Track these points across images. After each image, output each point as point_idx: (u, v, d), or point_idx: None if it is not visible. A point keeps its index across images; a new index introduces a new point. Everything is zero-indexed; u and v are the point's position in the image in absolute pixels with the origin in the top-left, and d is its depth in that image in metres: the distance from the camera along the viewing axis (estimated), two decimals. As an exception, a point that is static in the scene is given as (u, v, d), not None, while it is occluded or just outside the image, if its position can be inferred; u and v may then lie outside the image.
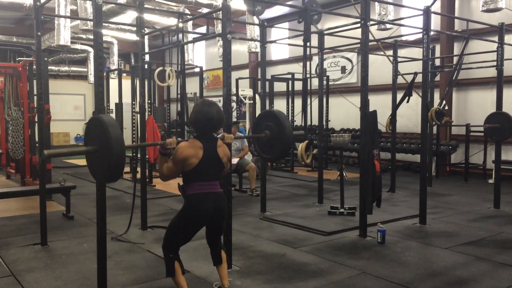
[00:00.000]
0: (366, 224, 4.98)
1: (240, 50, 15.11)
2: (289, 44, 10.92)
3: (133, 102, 9.01)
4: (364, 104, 4.96)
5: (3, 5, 11.26)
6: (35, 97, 5.52)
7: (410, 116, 10.96)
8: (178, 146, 3.11)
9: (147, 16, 12.60)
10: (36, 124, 5.78)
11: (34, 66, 7.25)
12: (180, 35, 9.21)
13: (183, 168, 3.11)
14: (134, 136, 8.82)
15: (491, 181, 8.68)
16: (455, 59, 9.81)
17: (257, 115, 12.47)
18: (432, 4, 8.77)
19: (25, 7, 11.24)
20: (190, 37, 12.21)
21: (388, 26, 9.27)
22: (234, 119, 10.27)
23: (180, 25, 6.83)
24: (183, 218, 3.16)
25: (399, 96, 7.43)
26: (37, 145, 6.63)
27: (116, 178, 2.91)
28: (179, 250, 3.23)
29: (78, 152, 3.07)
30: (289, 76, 10.99)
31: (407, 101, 7.06)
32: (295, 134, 3.82)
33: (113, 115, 14.90)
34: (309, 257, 4.31)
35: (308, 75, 10.77)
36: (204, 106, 3.17)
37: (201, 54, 18.08)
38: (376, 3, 9.44)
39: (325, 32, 7.00)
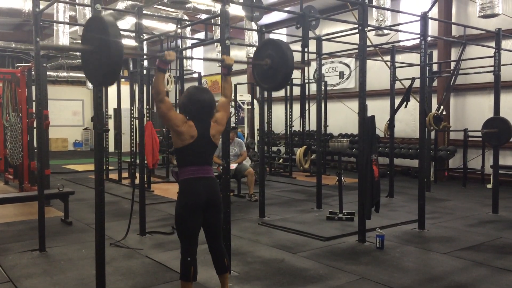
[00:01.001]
0: (365, 229, 4.98)
1: (239, 56, 15.12)
2: (287, 50, 10.96)
3: (132, 108, 9.02)
4: (362, 109, 4.97)
5: (2, 11, 11.27)
6: (34, 103, 5.52)
7: (408, 121, 10.98)
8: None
9: (146, 22, 12.63)
10: (35, 129, 5.77)
11: (33, 72, 7.26)
12: (179, 41, 9.25)
13: (173, 137, 3.12)
14: (132, 141, 8.82)
15: (489, 186, 8.68)
16: (453, 64, 9.85)
17: (255, 121, 12.40)
18: (430, 10, 8.83)
19: (24, 13, 11.25)
20: (189, 42, 12.24)
21: (385, 31, 9.31)
22: (233, 125, 10.28)
23: (179, 31, 6.85)
24: (179, 206, 3.14)
25: (397, 101, 7.45)
26: (35, 151, 6.63)
27: (113, 79, 2.83)
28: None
29: (75, 49, 3.05)
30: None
31: (405, 106, 7.09)
32: (296, 64, 3.73)
33: (111, 121, 14.94)
34: (308, 262, 4.30)
35: (306, 81, 10.88)
36: (197, 91, 3.20)
37: (199, 60, 18.11)
38: (374, 9, 9.48)
39: (323, 37, 7.03)
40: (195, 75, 10.67)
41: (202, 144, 3.14)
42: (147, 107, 7.37)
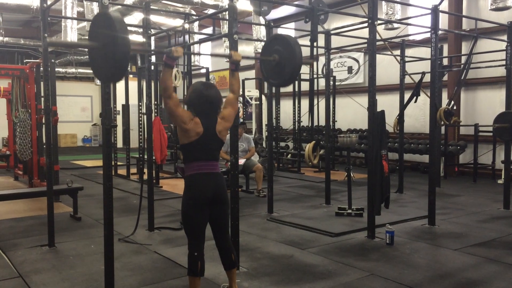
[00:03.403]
0: (374, 225, 4.94)
1: (246, 51, 15.09)
2: (296, 45, 10.89)
3: (140, 104, 9.02)
4: (372, 104, 4.92)
5: (10, 8, 11.32)
6: (43, 99, 5.53)
7: (417, 116, 10.89)
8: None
9: (153, 18, 12.62)
10: (44, 125, 5.79)
11: (41, 68, 7.28)
12: (186, 36, 9.23)
13: (179, 133, 3.10)
14: (140, 137, 8.83)
15: (500, 181, 8.59)
16: (463, 58, 9.73)
17: (263, 116, 12.36)
18: (440, 3, 8.71)
19: (32, 9, 11.29)
20: (197, 38, 12.22)
21: (395, 25, 9.21)
22: (241, 120, 10.26)
23: (186, 26, 6.83)
24: (186, 202, 3.12)
25: (407, 96, 7.37)
26: (44, 146, 6.65)
27: (120, 75, 2.83)
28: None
29: (82, 45, 3.06)
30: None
31: (415, 101, 7.00)
32: (304, 60, 3.70)
33: (120, 116, 14.98)
34: (317, 258, 4.28)
35: (314, 76, 10.80)
36: (203, 86, 3.16)
37: (207, 55, 18.09)
38: (383, 3, 9.38)
39: (332, 32, 6.96)
40: (203, 70, 10.64)
41: (208, 140, 3.12)
42: (155, 102, 7.36)
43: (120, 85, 8.58)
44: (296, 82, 11.02)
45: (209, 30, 13.54)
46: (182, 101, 3.29)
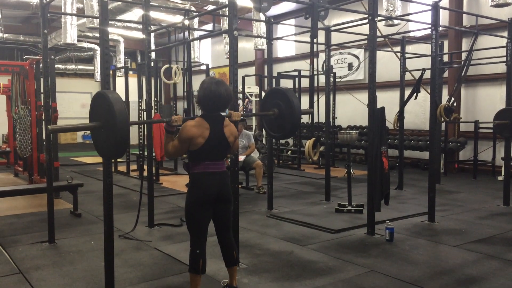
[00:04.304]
0: (374, 221, 4.95)
1: (246, 47, 15.07)
2: (296, 41, 10.87)
3: (140, 100, 9.02)
4: (372, 100, 4.91)
5: (10, 4, 11.30)
6: (42, 95, 5.52)
7: (417, 113, 10.88)
8: (184, 124, 3.08)
9: (153, 14, 12.59)
10: (44, 122, 5.79)
11: (41, 65, 7.27)
12: (186, 33, 9.22)
13: (191, 147, 3.08)
14: (140, 133, 8.83)
15: (500, 178, 8.59)
16: (464, 55, 9.70)
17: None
18: (441, -1, 8.68)
19: (32, 5, 11.27)
20: (196, 34, 12.20)
21: (395, 22, 9.19)
22: (241, 117, 10.23)
23: (186, 22, 6.81)
24: (190, 199, 3.12)
25: (407, 92, 7.37)
26: (44, 143, 6.65)
27: (121, 153, 2.93)
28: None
29: (82, 127, 3.07)
30: (296, 73, 10.94)
31: (415, 98, 7.00)
32: (303, 111, 3.75)
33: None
34: (316, 255, 4.28)
35: (315, 72, 10.75)
36: (212, 84, 3.11)
37: (207, 52, 18.06)
38: (384, -1, 9.35)
39: (332, 28, 6.95)
40: (203, 67, 10.63)
41: (215, 144, 3.11)
42: (155, 99, 7.36)
43: (120, 82, 8.59)
44: (296, 79, 11.01)
45: (209, 27, 13.51)
46: (183, 98, 3.28)
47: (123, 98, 10.10)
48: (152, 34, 5.80)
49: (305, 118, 11.51)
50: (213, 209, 3.16)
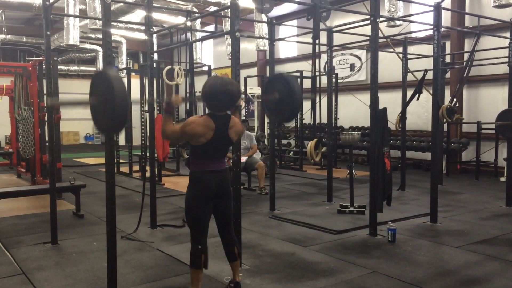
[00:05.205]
0: (376, 222, 4.94)
1: (248, 48, 15.08)
2: (298, 42, 10.88)
3: (142, 101, 9.03)
4: (374, 101, 4.91)
5: (12, 6, 11.33)
6: (45, 97, 5.54)
7: (420, 113, 10.87)
8: (192, 120, 3.08)
9: (156, 15, 12.62)
10: (46, 123, 5.80)
11: (44, 66, 7.29)
12: (189, 34, 9.24)
13: (190, 141, 3.11)
14: (143, 134, 8.84)
15: (502, 179, 8.57)
16: (466, 55, 9.70)
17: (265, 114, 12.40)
18: (443, 0, 8.67)
19: (34, 7, 11.30)
20: (199, 35, 12.20)
21: (397, 22, 9.18)
22: (243, 118, 10.25)
23: (189, 23, 6.83)
24: (190, 196, 3.14)
25: (409, 93, 7.36)
26: (47, 144, 6.66)
27: (119, 128, 3.04)
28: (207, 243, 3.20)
29: (82, 102, 3.14)
30: (298, 74, 10.95)
31: (417, 99, 7.00)
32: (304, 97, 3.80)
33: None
34: (318, 256, 4.28)
35: (317, 73, 10.78)
36: (217, 82, 3.10)
37: (209, 53, 18.08)
38: (386, 0, 9.35)
39: (334, 29, 6.95)
40: (205, 68, 10.65)
41: (218, 145, 3.13)
42: (157, 100, 7.36)
43: (122, 83, 8.58)
44: (298, 80, 11.01)
45: (211, 28, 13.53)
46: (185, 99, 3.30)
47: (126, 99, 10.14)
48: (154, 35, 5.81)
49: (307, 119, 11.51)
50: (213, 205, 3.19)
